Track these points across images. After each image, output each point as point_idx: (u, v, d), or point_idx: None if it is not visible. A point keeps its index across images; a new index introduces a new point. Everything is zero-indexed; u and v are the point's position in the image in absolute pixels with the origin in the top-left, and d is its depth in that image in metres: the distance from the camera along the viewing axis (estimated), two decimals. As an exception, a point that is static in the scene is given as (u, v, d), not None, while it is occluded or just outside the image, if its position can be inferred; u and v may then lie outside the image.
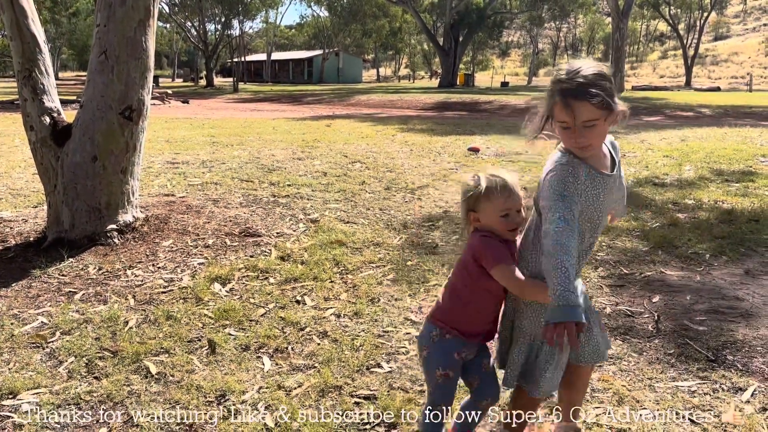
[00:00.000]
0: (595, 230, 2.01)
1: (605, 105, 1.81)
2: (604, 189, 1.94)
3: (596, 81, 1.81)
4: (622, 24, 31.53)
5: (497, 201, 2.01)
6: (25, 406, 2.57)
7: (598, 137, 1.88)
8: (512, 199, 2.01)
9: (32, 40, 4.63)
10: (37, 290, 3.82)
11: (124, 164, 4.76)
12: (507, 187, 2.01)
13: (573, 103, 1.80)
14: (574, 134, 1.84)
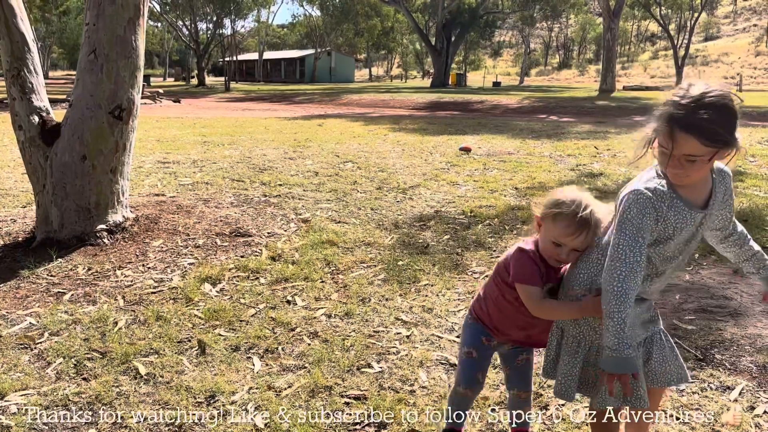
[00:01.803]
0: (671, 260, 1.90)
1: (715, 144, 1.63)
2: (688, 225, 1.80)
3: (713, 115, 1.62)
4: (614, 24, 31.66)
5: (561, 230, 1.91)
6: (12, 407, 2.55)
7: (698, 172, 1.71)
8: (576, 240, 1.92)
9: (21, 38, 4.60)
10: (25, 291, 3.80)
11: (114, 164, 4.73)
12: (580, 226, 1.89)
13: (678, 134, 1.64)
14: (673, 163, 1.70)
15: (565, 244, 1.93)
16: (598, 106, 23.97)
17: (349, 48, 70.41)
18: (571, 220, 1.89)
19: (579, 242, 1.92)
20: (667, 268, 1.92)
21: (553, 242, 1.93)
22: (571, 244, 1.92)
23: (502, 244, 4.88)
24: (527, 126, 15.47)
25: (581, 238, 1.91)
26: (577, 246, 1.93)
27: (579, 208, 1.89)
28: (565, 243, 1.92)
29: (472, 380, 2.19)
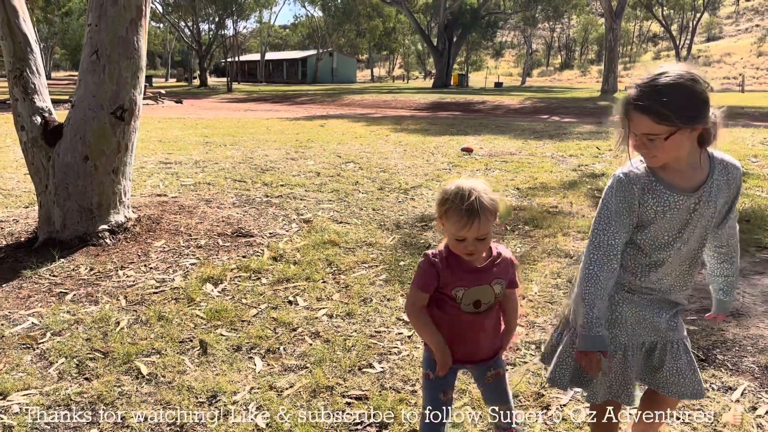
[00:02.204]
0: (665, 248, 1.86)
1: (665, 121, 1.66)
2: (672, 209, 1.80)
3: (665, 94, 1.66)
4: (615, 25, 31.63)
5: (454, 225, 1.83)
6: (15, 407, 2.56)
7: (662, 151, 1.72)
8: (470, 230, 1.82)
9: (23, 39, 4.61)
10: (27, 291, 3.80)
11: (116, 164, 4.74)
12: (469, 215, 1.80)
13: (632, 114, 1.71)
14: (636, 143, 1.75)
15: (465, 237, 1.84)
16: (600, 107, 23.95)
17: (350, 49, 70.43)
18: (458, 212, 1.81)
19: (475, 231, 1.82)
20: (665, 257, 1.87)
21: (455, 238, 1.86)
22: (468, 235, 1.83)
23: (504, 244, 4.87)
24: (529, 126, 15.47)
25: (475, 226, 1.81)
26: (476, 235, 1.83)
27: (464, 199, 1.81)
28: (463, 236, 1.84)
29: (433, 399, 2.06)
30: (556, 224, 5.37)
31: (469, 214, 1.79)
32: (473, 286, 1.91)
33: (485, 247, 1.90)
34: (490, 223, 1.84)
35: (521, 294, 3.83)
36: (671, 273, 1.91)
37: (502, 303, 2.04)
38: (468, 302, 1.93)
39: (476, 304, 1.94)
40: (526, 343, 3.19)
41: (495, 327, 2.05)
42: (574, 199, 6.36)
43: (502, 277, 1.95)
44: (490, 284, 1.93)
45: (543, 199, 6.36)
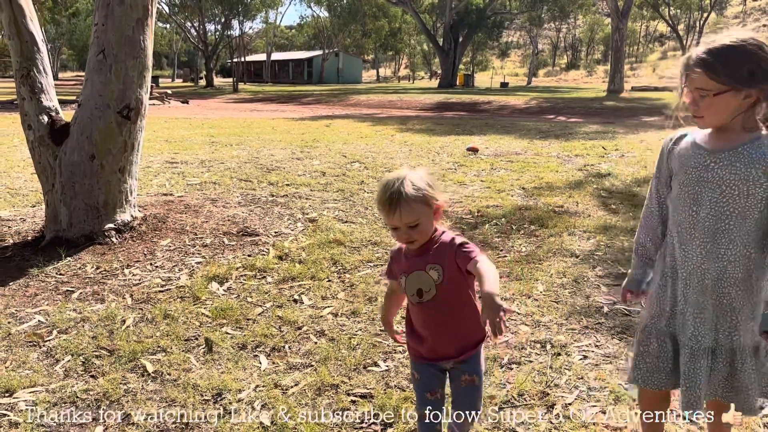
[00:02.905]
0: (683, 207, 1.85)
1: (719, 77, 1.70)
2: (692, 161, 1.83)
3: (724, 53, 1.71)
4: (622, 24, 31.53)
5: (384, 216, 1.88)
6: (21, 404, 2.57)
7: (709, 109, 1.75)
8: (395, 218, 1.83)
9: (30, 39, 4.63)
10: (34, 289, 3.82)
11: (122, 163, 4.76)
12: (390, 204, 1.82)
13: (690, 68, 1.75)
14: (689, 98, 1.79)
15: (395, 226, 1.85)
16: (606, 107, 23.88)
17: (356, 49, 70.43)
18: (382, 203, 1.84)
19: (399, 220, 1.82)
20: (683, 218, 1.85)
21: (390, 228, 1.90)
22: (395, 223, 1.84)
23: (509, 243, 4.87)
24: (535, 126, 15.44)
25: (397, 215, 1.81)
26: (406, 223, 1.83)
27: (386, 188, 1.83)
28: (391, 224, 1.86)
29: (423, 400, 2.06)
30: (561, 224, 5.35)
31: (390, 203, 1.81)
32: (411, 271, 1.92)
33: (422, 234, 1.87)
34: (417, 211, 1.81)
35: (526, 293, 3.82)
36: (695, 246, 1.83)
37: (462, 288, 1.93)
38: (411, 291, 1.94)
39: (419, 293, 1.92)
40: (531, 342, 3.18)
41: (461, 320, 1.96)
42: (579, 199, 6.34)
43: (438, 262, 1.89)
44: (425, 270, 1.90)
45: (548, 199, 6.35)
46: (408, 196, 1.79)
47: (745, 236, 1.78)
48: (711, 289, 1.84)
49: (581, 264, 4.38)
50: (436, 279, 1.90)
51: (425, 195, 1.82)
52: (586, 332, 3.31)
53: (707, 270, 1.83)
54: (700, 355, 1.88)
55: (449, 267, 1.89)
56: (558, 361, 2.97)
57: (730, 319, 1.84)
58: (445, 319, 1.95)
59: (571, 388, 2.73)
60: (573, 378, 2.82)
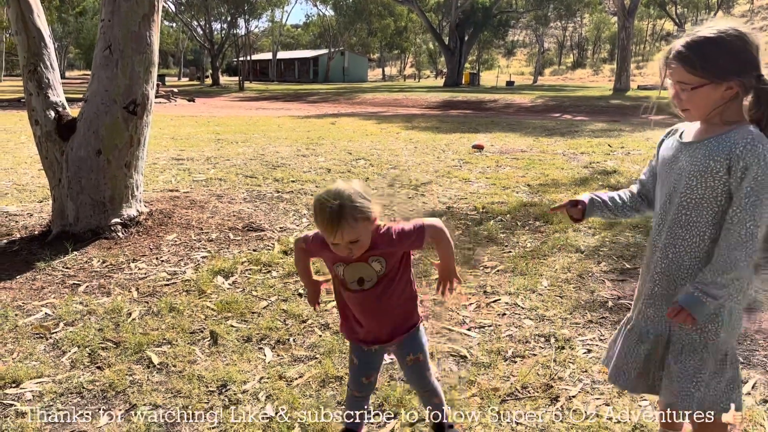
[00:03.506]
0: (659, 195, 1.89)
1: (696, 70, 1.68)
2: (671, 157, 1.85)
3: (700, 44, 1.69)
4: (628, 23, 31.42)
5: (321, 232, 1.86)
6: (28, 394, 2.59)
7: (691, 103, 1.74)
8: (336, 236, 1.78)
9: (37, 34, 4.66)
10: (41, 282, 3.84)
11: (128, 158, 4.78)
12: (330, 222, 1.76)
13: (671, 61, 1.75)
14: (674, 93, 1.79)
15: (334, 243, 1.81)
16: (612, 105, 23.82)
17: (362, 48, 70.44)
18: (322, 223, 1.79)
19: (347, 237, 1.78)
20: (656, 213, 1.89)
21: (330, 243, 1.84)
22: (339, 241, 1.79)
23: (514, 239, 4.87)
24: (540, 124, 15.41)
25: (339, 233, 1.77)
26: (348, 240, 1.79)
27: (325, 206, 1.76)
28: (333, 242, 1.81)
29: (358, 383, 2.18)
30: (566, 220, 5.32)
31: (330, 222, 1.75)
32: (351, 262, 1.90)
33: (362, 248, 1.85)
34: (358, 228, 1.78)
35: (531, 288, 3.82)
36: (663, 236, 1.85)
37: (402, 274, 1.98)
38: (351, 279, 1.93)
39: (359, 282, 1.93)
40: (535, 335, 3.18)
41: (399, 305, 2.01)
42: (585, 196, 6.32)
43: (381, 254, 1.90)
44: (367, 262, 1.90)
45: (554, 196, 6.34)
46: (348, 214, 1.75)
47: (702, 228, 1.76)
48: (668, 278, 1.84)
49: (586, 259, 4.38)
50: (378, 270, 1.92)
51: (365, 211, 1.78)
52: (591, 326, 3.31)
53: (663, 258, 1.85)
54: (645, 340, 1.93)
55: (392, 260, 1.92)
56: (562, 354, 2.97)
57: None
58: (383, 305, 1.97)
59: (575, 381, 2.73)
60: (577, 371, 2.82)
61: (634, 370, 1.96)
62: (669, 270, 1.84)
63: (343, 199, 1.75)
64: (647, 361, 1.93)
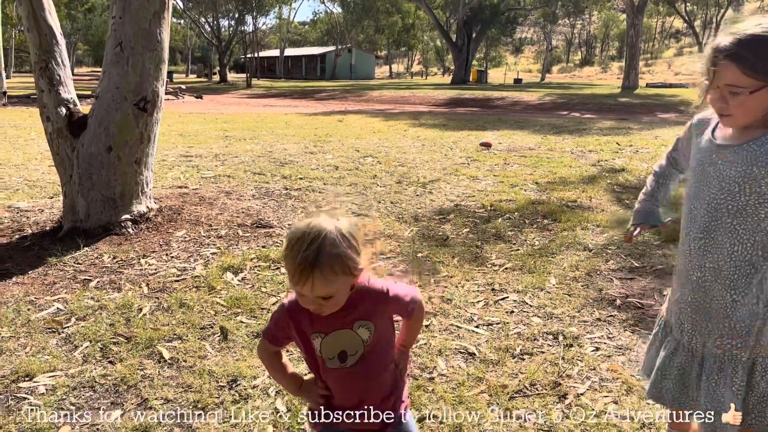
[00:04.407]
0: (689, 199, 1.79)
1: (756, 74, 1.54)
2: (706, 159, 1.74)
3: (756, 43, 1.54)
4: (637, 20, 31.28)
5: (289, 275, 1.44)
6: (41, 388, 2.62)
7: (741, 108, 1.60)
8: (305, 287, 1.40)
9: (49, 31, 4.69)
10: (53, 278, 3.88)
11: (139, 155, 4.81)
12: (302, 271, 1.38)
13: (720, 61, 1.57)
14: (716, 95, 1.63)
15: (300, 294, 1.44)
16: (620, 103, 23.73)
17: (369, 45, 70.46)
18: (291, 261, 1.40)
19: (317, 292, 1.40)
20: (687, 211, 1.78)
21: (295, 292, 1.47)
22: (304, 292, 1.42)
23: (522, 237, 4.87)
24: (548, 122, 15.38)
25: (308, 285, 1.39)
26: (318, 295, 1.41)
27: (300, 248, 1.38)
28: (299, 292, 1.43)
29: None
30: (575, 218, 5.35)
31: (301, 268, 1.37)
32: (331, 330, 1.53)
33: (334, 306, 1.48)
34: (334, 284, 1.41)
35: (539, 286, 3.83)
36: (691, 239, 1.76)
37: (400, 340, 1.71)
38: (331, 354, 1.56)
39: (341, 357, 1.56)
40: (543, 333, 3.19)
41: (383, 390, 1.66)
42: (593, 194, 6.33)
43: (369, 318, 1.55)
44: (351, 329, 1.54)
45: (562, 194, 6.34)
46: (325, 264, 1.38)
47: (743, 235, 1.66)
48: (704, 288, 1.74)
49: (594, 257, 4.38)
50: (366, 339, 1.56)
51: (348, 264, 1.42)
52: (599, 324, 3.31)
53: (699, 267, 1.74)
54: (681, 352, 1.84)
55: (381, 323, 1.59)
56: (570, 352, 2.98)
57: (723, 325, 1.72)
58: (370, 387, 1.63)
59: (583, 379, 2.74)
60: (585, 369, 2.83)
61: (672, 383, 1.86)
62: (705, 279, 1.73)
63: (323, 242, 1.38)
64: (682, 375, 1.84)
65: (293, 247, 1.40)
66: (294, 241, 1.41)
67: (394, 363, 1.70)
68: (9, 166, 7.57)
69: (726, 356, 1.73)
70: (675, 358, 1.85)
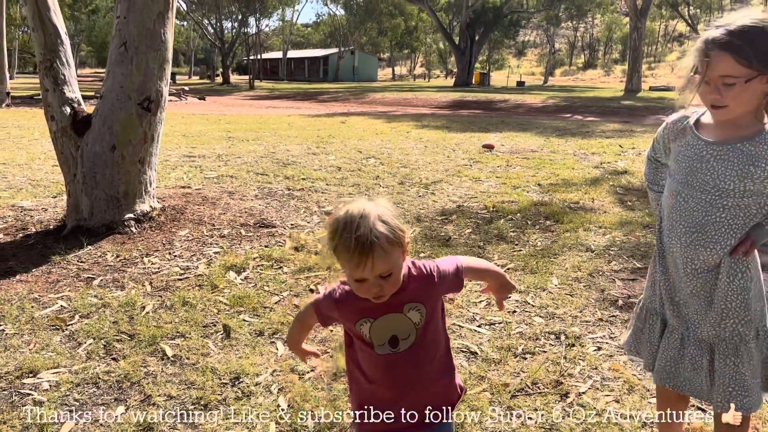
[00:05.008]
0: (673, 193, 1.82)
1: (751, 63, 1.56)
2: (687, 149, 1.78)
3: (751, 35, 1.57)
4: (640, 24, 31.30)
5: (346, 264, 1.45)
6: (44, 384, 2.63)
7: (737, 100, 1.62)
8: (366, 269, 1.41)
9: (54, 31, 4.72)
10: (56, 275, 3.90)
11: (142, 154, 4.83)
12: (361, 252, 1.39)
13: (713, 53, 1.59)
14: (709, 88, 1.63)
15: (366, 278, 1.43)
16: (623, 106, 23.73)
17: (372, 47, 70.54)
18: (344, 247, 1.41)
19: (378, 269, 1.41)
20: (672, 204, 1.82)
21: (354, 279, 1.46)
22: (366, 275, 1.42)
23: (524, 238, 4.88)
24: (551, 125, 15.39)
25: (369, 265, 1.40)
26: (379, 273, 1.43)
27: (352, 231, 1.40)
28: (360, 276, 1.43)
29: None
30: (577, 219, 5.35)
31: (360, 251, 1.39)
32: (380, 315, 1.52)
33: (395, 285, 1.48)
34: (391, 255, 1.43)
35: (541, 286, 3.84)
36: (680, 233, 1.80)
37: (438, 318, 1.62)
38: (381, 340, 1.54)
39: (393, 342, 1.54)
40: (545, 333, 3.20)
41: (435, 377, 1.61)
42: (596, 196, 6.33)
43: (419, 300, 1.53)
44: (402, 312, 1.53)
45: (564, 195, 6.35)
46: (381, 240, 1.40)
47: (737, 230, 1.73)
48: (702, 279, 1.79)
49: (596, 258, 4.39)
50: (417, 322, 1.54)
51: (399, 235, 1.44)
52: (601, 324, 3.32)
53: (693, 258, 1.78)
54: (690, 343, 1.87)
55: (432, 304, 1.57)
56: (572, 351, 2.99)
57: (720, 311, 1.78)
58: (423, 372, 1.58)
59: (584, 378, 2.75)
60: (587, 368, 2.83)
61: (685, 372, 1.90)
62: (700, 270, 1.79)
63: (373, 219, 1.41)
64: (694, 365, 1.87)
65: (342, 233, 1.41)
66: (342, 227, 1.42)
67: (446, 344, 1.65)
68: (13, 166, 7.60)
69: (734, 338, 1.79)
70: (685, 350, 1.88)
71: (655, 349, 1.97)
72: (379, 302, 1.49)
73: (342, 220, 1.43)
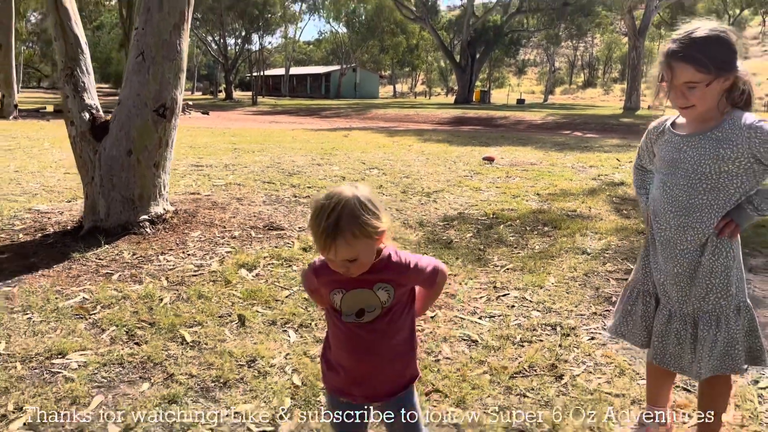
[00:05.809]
0: (659, 182, 2.08)
1: (708, 69, 1.84)
2: (667, 143, 2.06)
3: (704, 45, 1.85)
4: (639, 43, 31.73)
5: (316, 245, 1.57)
6: (73, 363, 2.82)
7: (701, 100, 1.90)
8: (331, 253, 1.54)
9: (75, 40, 4.95)
10: (77, 271, 4.09)
11: (157, 159, 5.04)
12: (326, 238, 1.51)
13: (674, 64, 1.88)
14: (676, 93, 1.92)
15: (332, 259, 1.56)
16: (622, 123, 24.03)
17: (374, 64, 71.11)
18: (315, 230, 1.53)
19: (341, 255, 1.53)
20: (659, 192, 2.07)
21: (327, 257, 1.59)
22: (331, 257, 1.55)
23: (523, 242, 5.07)
24: (551, 140, 15.64)
25: (333, 250, 1.52)
26: (343, 258, 1.54)
27: (322, 216, 1.51)
28: (329, 258, 1.57)
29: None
30: (574, 226, 5.55)
31: (325, 235, 1.50)
32: (352, 288, 1.64)
33: (361, 268, 1.59)
34: (356, 246, 1.52)
35: (539, 284, 4.03)
36: (669, 219, 2.04)
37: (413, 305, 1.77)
38: (349, 310, 1.66)
39: (359, 313, 1.66)
40: (542, 325, 3.38)
41: (391, 355, 1.73)
42: (593, 204, 6.53)
43: (389, 281, 1.64)
44: (371, 289, 1.64)
45: (562, 204, 6.55)
46: (346, 229, 1.50)
47: (719, 209, 1.97)
48: (688, 258, 2.02)
49: (592, 260, 4.58)
50: (384, 300, 1.66)
51: (367, 229, 1.52)
52: (595, 317, 3.50)
53: (682, 240, 2.02)
54: (675, 318, 2.10)
55: (401, 290, 1.69)
56: (567, 340, 3.17)
57: (704, 287, 2.02)
58: (380, 346, 1.70)
59: (579, 363, 2.93)
60: (581, 355, 3.02)
61: (672, 348, 2.11)
62: (687, 250, 2.02)
63: (343, 210, 1.51)
64: (678, 339, 2.09)
65: (316, 216, 1.53)
66: (317, 211, 1.53)
67: (410, 333, 1.76)
68: (26, 173, 7.81)
69: (716, 310, 2.03)
70: (671, 326, 2.11)
71: (650, 327, 2.19)
72: (351, 277, 1.62)
73: (319, 204, 1.54)
